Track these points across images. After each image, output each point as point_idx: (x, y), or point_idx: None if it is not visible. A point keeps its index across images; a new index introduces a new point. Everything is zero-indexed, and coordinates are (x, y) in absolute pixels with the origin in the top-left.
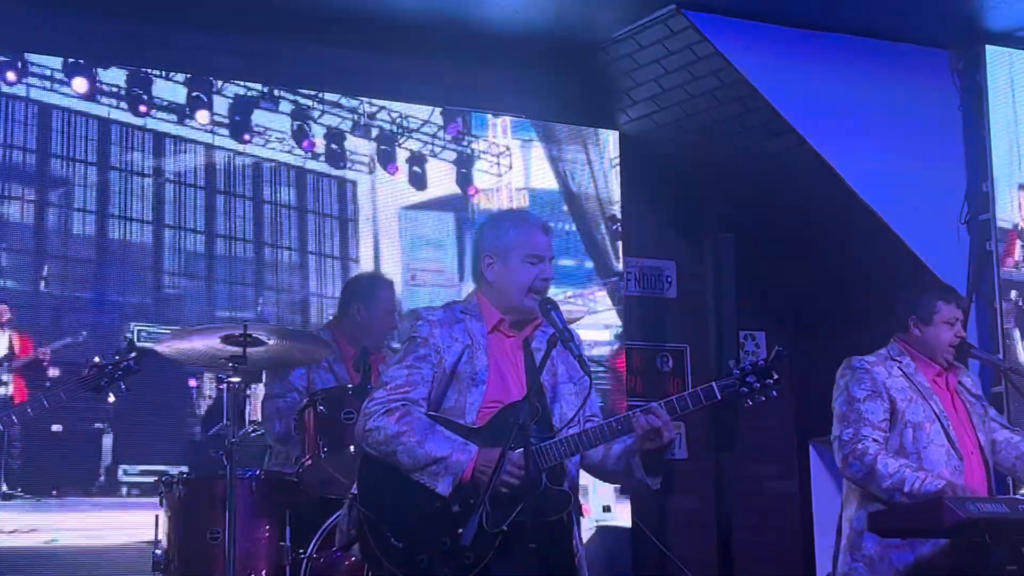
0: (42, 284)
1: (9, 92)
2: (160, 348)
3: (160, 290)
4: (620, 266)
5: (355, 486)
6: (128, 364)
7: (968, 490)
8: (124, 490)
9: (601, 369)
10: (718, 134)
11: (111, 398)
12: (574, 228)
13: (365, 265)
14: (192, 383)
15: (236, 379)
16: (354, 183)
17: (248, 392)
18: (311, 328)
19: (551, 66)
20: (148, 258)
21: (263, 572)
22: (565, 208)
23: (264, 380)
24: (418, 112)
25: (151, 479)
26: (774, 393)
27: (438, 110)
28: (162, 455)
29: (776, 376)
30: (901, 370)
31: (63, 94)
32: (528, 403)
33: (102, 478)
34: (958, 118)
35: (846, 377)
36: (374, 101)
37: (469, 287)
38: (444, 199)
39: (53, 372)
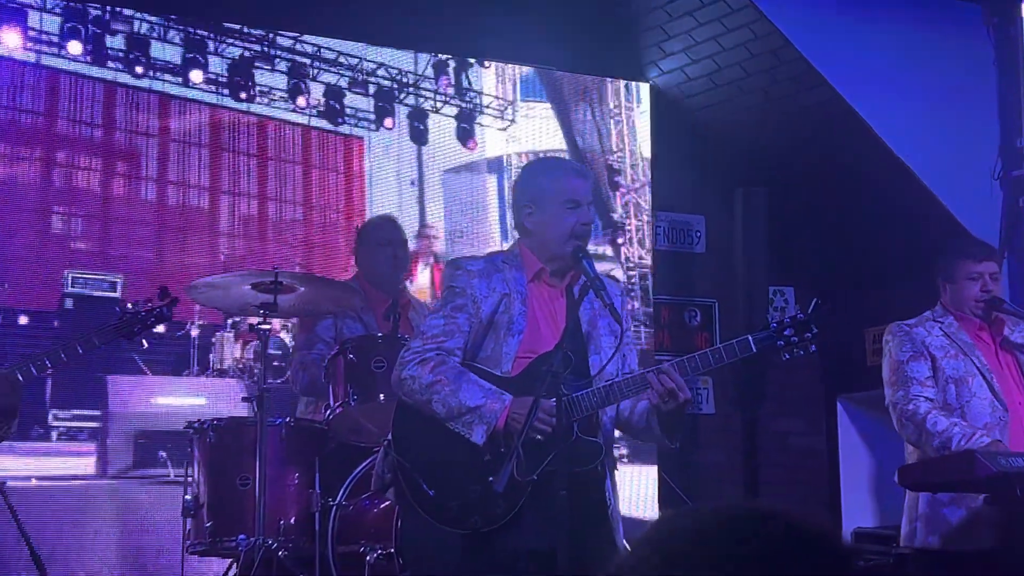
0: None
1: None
2: (191, 295)
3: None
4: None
5: (390, 432)
6: (161, 310)
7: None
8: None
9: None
10: (750, 87)
11: (144, 344)
12: None
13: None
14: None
15: (267, 326)
16: (360, 139)
17: (212, 339)
18: None
19: (583, 18)
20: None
21: (292, 519)
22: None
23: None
24: (412, 66)
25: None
26: (812, 348)
27: (431, 65)
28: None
29: (816, 330)
30: (942, 329)
31: (66, 58)
32: (560, 352)
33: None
34: (992, 73)
35: (889, 343)
36: (371, 58)
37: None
38: (486, 161)
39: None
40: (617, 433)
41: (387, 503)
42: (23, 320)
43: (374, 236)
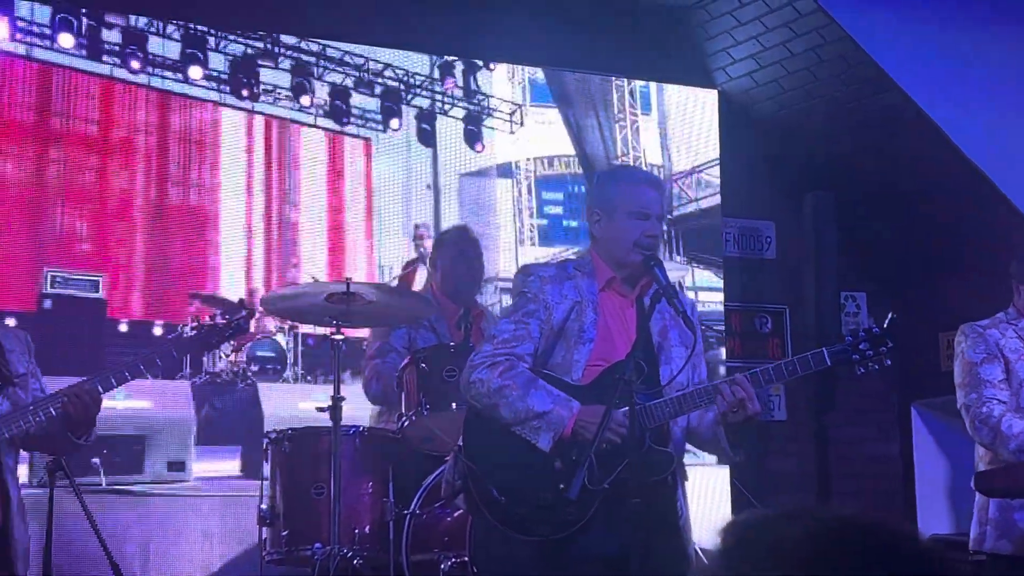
0: None
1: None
2: (264, 306)
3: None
4: None
5: (461, 437)
6: (239, 322)
7: None
8: None
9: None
10: (819, 91)
11: (222, 356)
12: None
13: (387, 221)
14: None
15: (340, 337)
16: (367, 140)
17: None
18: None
19: (650, 25)
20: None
21: (366, 527)
22: (580, 170)
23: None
24: (424, 68)
25: None
26: (887, 362)
27: (437, 65)
28: None
29: (891, 344)
30: (1016, 332)
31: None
32: (632, 361)
33: None
34: None
35: (962, 344)
36: (379, 58)
37: (528, 251)
38: (501, 166)
39: None
40: None
41: (460, 511)
42: (11, 322)
43: (449, 246)
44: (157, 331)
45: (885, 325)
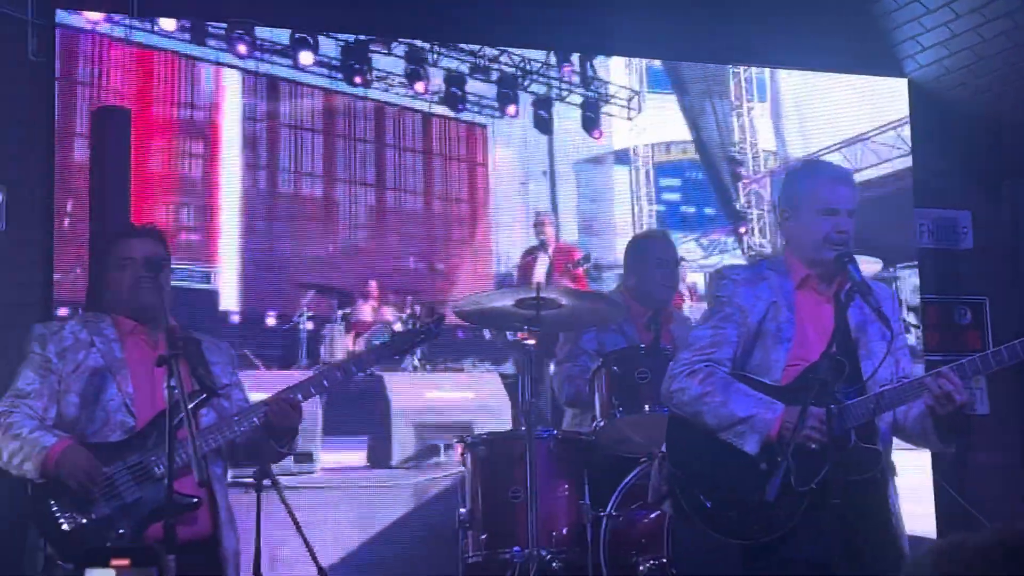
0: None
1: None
2: (456, 312)
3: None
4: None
5: (664, 444)
6: (429, 327)
7: None
8: None
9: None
10: (1012, 77)
11: (416, 363)
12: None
13: (504, 208)
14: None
15: (531, 342)
16: (483, 127)
17: (323, 332)
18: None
19: (838, 16)
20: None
21: (564, 530)
22: (697, 156)
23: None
24: (540, 55)
25: None
26: None
27: (553, 51)
28: None
29: None
30: None
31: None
32: (829, 360)
33: None
34: None
35: None
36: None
37: None
38: (618, 153)
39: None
40: None
41: (658, 513)
42: None
43: (650, 254)
44: (270, 322)
45: None
